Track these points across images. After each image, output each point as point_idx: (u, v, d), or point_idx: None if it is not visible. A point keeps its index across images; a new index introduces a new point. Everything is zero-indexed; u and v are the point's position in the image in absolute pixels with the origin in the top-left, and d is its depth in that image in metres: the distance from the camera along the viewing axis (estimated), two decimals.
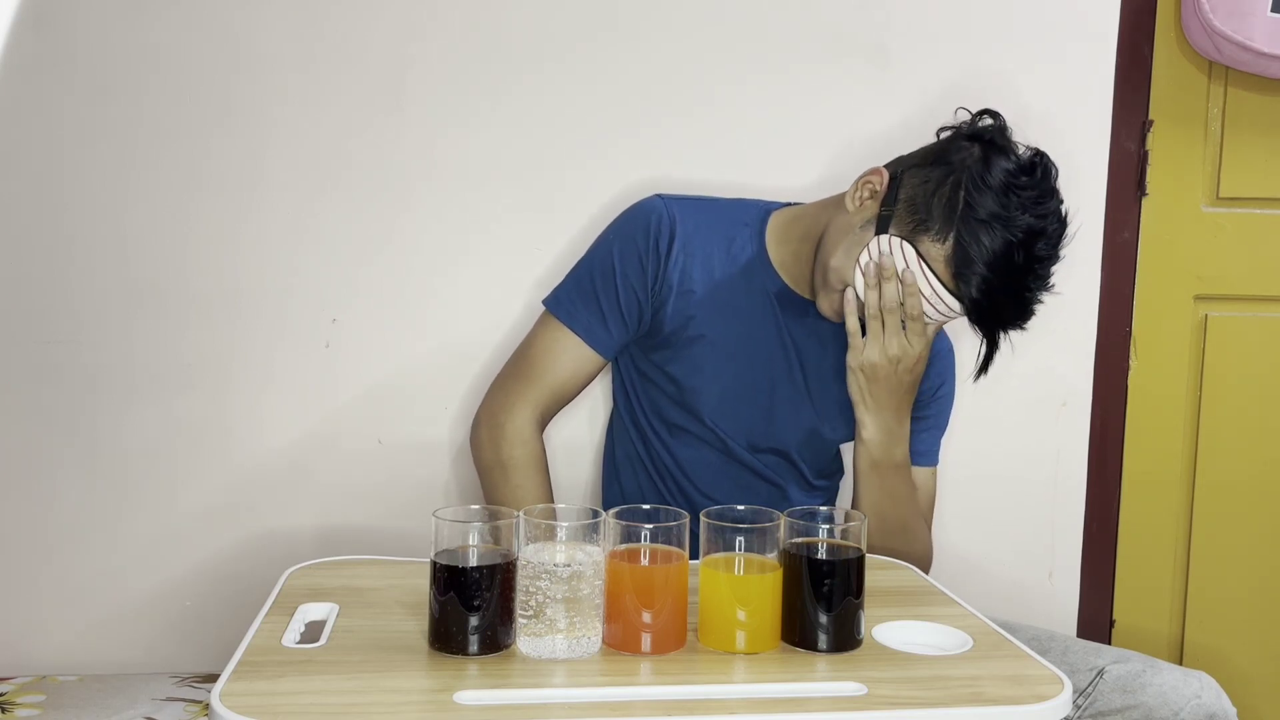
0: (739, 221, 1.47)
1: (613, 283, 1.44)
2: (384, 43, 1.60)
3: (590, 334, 1.45)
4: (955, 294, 1.29)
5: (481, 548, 1.00)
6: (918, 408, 1.51)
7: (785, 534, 1.03)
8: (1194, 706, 1.26)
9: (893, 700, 0.92)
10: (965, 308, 1.29)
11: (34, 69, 1.55)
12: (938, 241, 1.29)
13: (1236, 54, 1.68)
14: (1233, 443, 1.85)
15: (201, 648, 1.63)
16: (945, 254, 1.28)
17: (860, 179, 1.37)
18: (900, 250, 1.30)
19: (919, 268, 1.29)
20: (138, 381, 1.60)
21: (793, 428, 1.47)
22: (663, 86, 1.65)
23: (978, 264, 1.26)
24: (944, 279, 1.29)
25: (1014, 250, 1.26)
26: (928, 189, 1.31)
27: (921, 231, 1.30)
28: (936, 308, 1.31)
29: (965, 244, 1.27)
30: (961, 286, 1.28)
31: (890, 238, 1.31)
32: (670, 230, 1.44)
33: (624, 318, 1.44)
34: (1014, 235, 1.26)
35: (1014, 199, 1.27)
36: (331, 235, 1.61)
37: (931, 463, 1.56)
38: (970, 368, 1.36)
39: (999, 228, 1.26)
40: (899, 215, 1.32)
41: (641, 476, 1.51)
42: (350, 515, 1.65)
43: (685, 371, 1.45)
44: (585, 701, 0.91)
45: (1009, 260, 1.26)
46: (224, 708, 0.86)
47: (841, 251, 1.35)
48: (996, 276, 1.26)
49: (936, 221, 1.29)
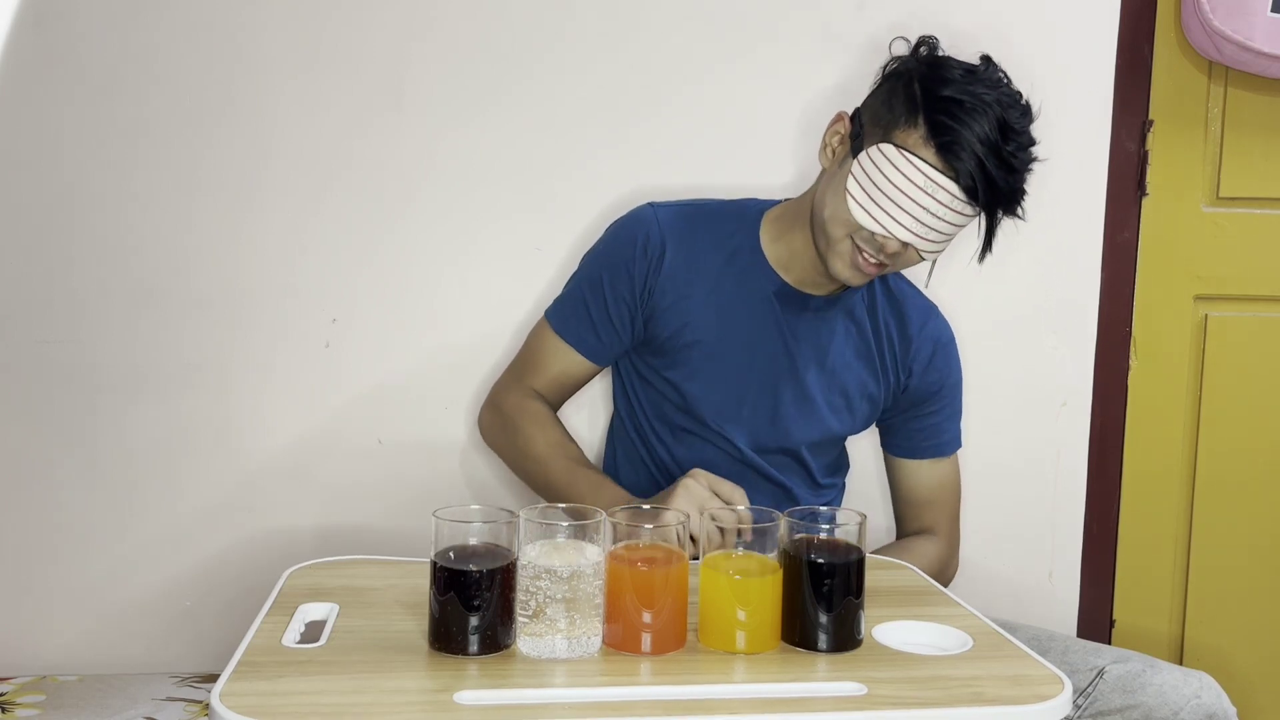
0: (732, 223, 1.47)
1: (601, 293, 1.45)
2: (385, 43, 1.60)
3: (582, 343, 1.47)
4: (947, 172, 1.27)
5: (482, 548, 1.00)
6: (924, 404, 1.52)
7: (785, 534, 1.04)
8: (1194, 706, 1.26)
9: (893, 700, 0.92)
10: (961, 184, 1.27)
11: (35, 69, 1.55)
12: (910, 127, 1.29)
13: (1236, 54, 1.68)
14: (1233, 443, 1.85)
15: (201, 648, 1.63)
16: (922, 134, 1.28)
17: (826, 132, 1.39)
18: (881, 154, 1.29)
19: (906, 160, 1.28)
20: (138, 381, 1.60)
21: (800, 426, 1.48)
22: (665, 86, 1.65)
23: (958, 130, 1.26)
24: (932, 161, 1.27)
25: (986, 111, 1.26)
26: (886, 96, 1.33)
27: (893, 128, 1.30)
28: (936, 197, 1.27)
29: (938, 117, 1.27)
30: (949, 159, 1.27)
31: (866, 151, 1.31)
32: (660, 238, 1.44)
33: (614, 327, 1.45)
34: (982, 103, 1.27)
35: (972, 85, 1.28)
36: (332, 235, 1.62)
37: (954, 449, 1.58)
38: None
39: (966, 98, 1.27)
40: (868, 131, 1.32)
41: (643, 478, 1.51)
42: (350, 515, 1.65)
43: (684, 376, 1.45)
44: (585, 701, 0.91)
45: (985, 120, 1.26)
46: (224, 708, 0.86)
47: (831, 197, 1.35)
48: (979, 140, 1.26)
49: (903, 113, 1.29)
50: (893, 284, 1.52)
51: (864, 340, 1.49)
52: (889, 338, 1.50)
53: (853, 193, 1.31)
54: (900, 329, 1.50)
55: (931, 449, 1.56)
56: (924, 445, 1.56)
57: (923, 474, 1.57)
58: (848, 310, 1.48)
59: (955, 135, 1.26)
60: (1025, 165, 1.30)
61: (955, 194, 1.28)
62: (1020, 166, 1.29)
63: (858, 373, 1.49)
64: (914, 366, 1.51)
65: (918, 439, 1.55)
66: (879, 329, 1.49)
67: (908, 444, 1.56)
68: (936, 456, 1.56)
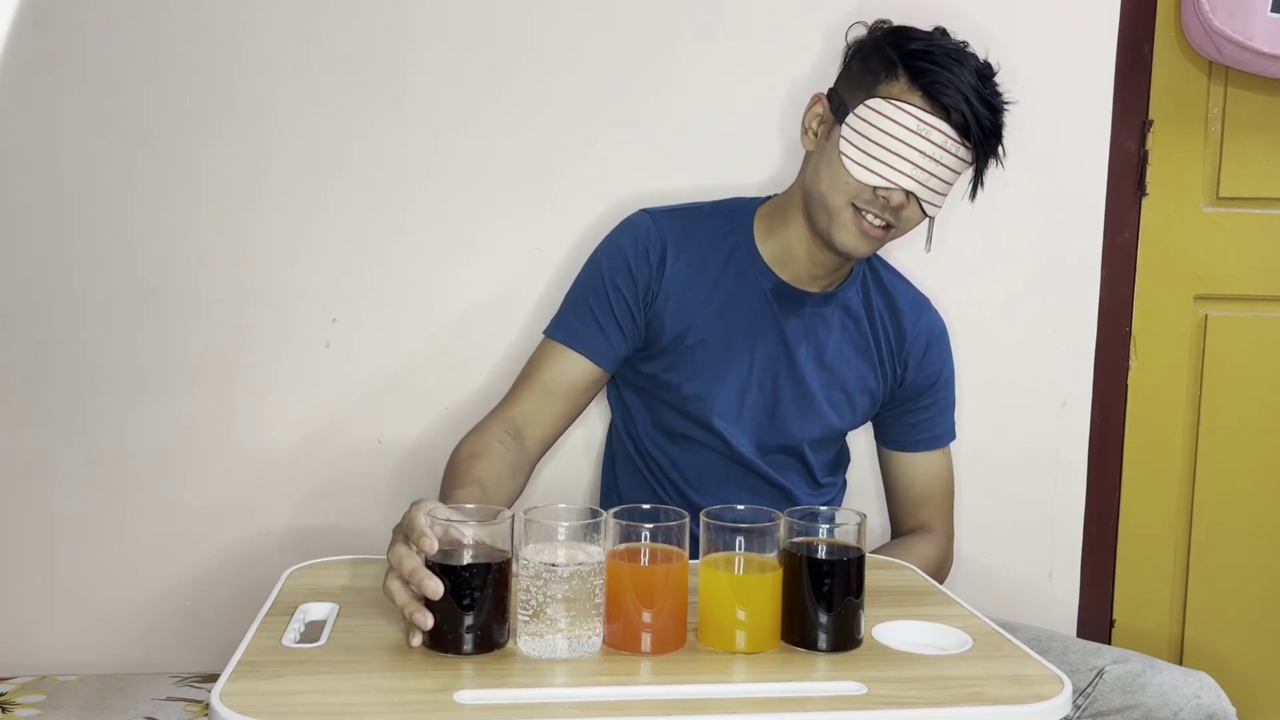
0: (727, 223, 1.48)
1: (605, 297, 1.44)
2: (386, 44, 1.60)
3: (594, 350, 1.44)
4: (937, 113, 1.30)
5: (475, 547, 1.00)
6: (919, 398, 1.52)
7: (785, 534, 1.03)
8: (1194, 706, 1.26)
9: (893, 700, 0.92)
10: (952, 121, 1.30)
11: (35, 69, 1.55)
12: (892, 79, 1.32)
13: (1236, 54, 1.68)
14: (1233, 443, 1.85)
15: (201, 648, 1.63)
16: (905, 83, 1.31)
17: (805, 116, 1.41)
18: (871, 109, 1.32)
19: (895, 108, 1.30)
20: (138, 381, 1.60)
21: (801, 423, 1.48)
22: (666, 86, 1.65)
23: (939, 71, 1.30)
24: (921, 105, 1.30)
25: (960, 58, 1.31)
26: (861, 64, 1.36)
27: (875, 86, 1.33)
28: (930, 139, 1.30)
29: (917, 63, 1.31)
30: (938, 97, 1.30)
31: (854, 112, 1.33)
32: (660, 242, 1.44)
33: (622, 329, 1.44)
34: (953, 52, 1.32)
35: (938, 41, 1.33)
36: (332, 235, 1.62)
37: (948, 441, 1.59)
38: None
39: (936, 49, 1.31)
40: (849, 99, 1.35)
41: (642, 487, 1.51)
42: (350, 515, 1.65)
43: (685, 378, 1.45)
44: (585, 701, 0.91)
45: (961, 65, 1.30)
46: (224, 707, 0.86)
47: (825, 170, 1.36)
48: (957, 77, 1.29)
49: (882, 70, 1.33)
50: (885, 279, 1.53)
51: (861, 335, 1.49)
52: (884, 332, 1.51)
53: (849, 154, 1.32)
54: (895, 323, 1.51)
55: (926, 442, 1.56)
56: (919, 438, 1.56)
57: (917, 467, 1.57)
58: (844, 306, 1.48)
59: (937, 76, 1.30)
60: (1001, 107, 1.35)
61: (948, 133, 1.30)
62: (1000, 106, 1.34)
63: (856, 368, 1.49)
64: (909, 360, 1.51)
65: (912, 432, 1.56)
66: (875, 324, 1.50)
67: (902, 437, 1.57)
68: (931, 449, 1.57)
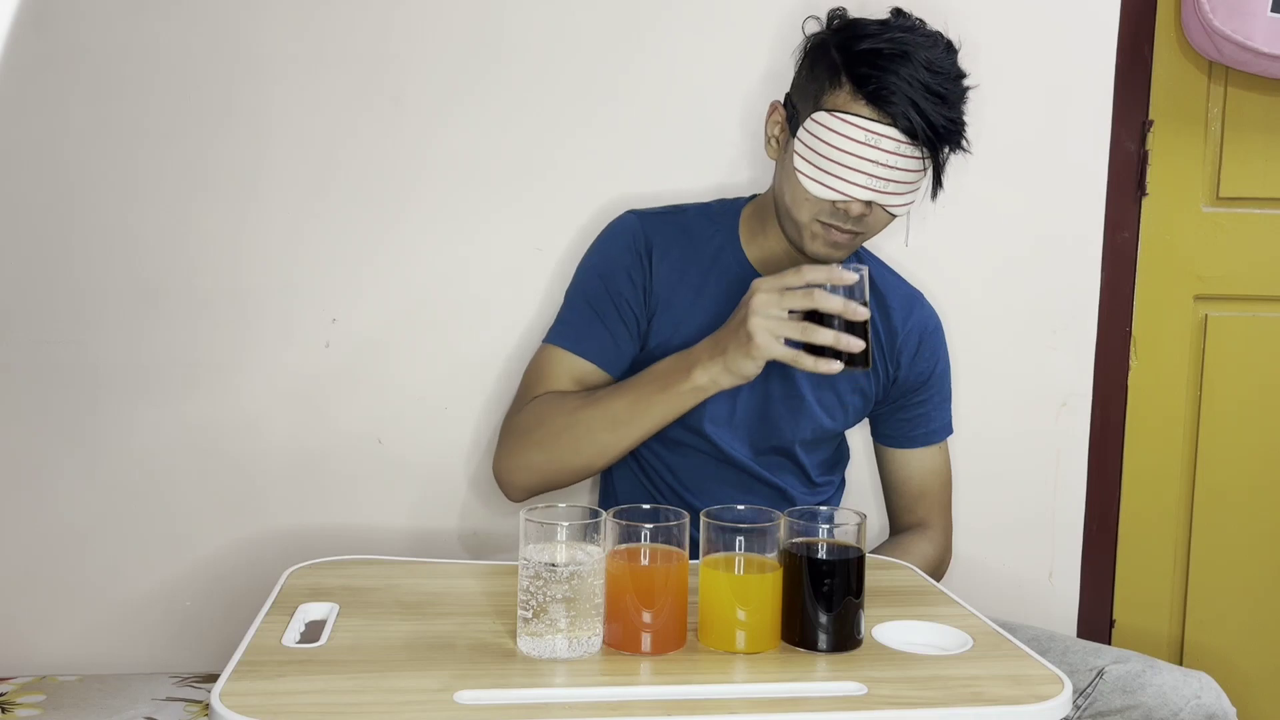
0: (712, 224, 1.48)
1: (608, 300, 1.43)
2: (385, 43, 1.60)
3: (601, 354, 1.43)
4: (883, 120, 1.27)
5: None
6: (914, 394, 1.52)
7: (785, 534, 1.04)
8: (1194, 706, 1.26)
9: (893, 700, 0.92)
10: (899, 127, 1.26)
11: (35, 69, 1.55)
12: (836, 89, 1.29)
13: (1236, 54, 1.68)
14: (1233, 443, 1.85)
15: (201, 648, 1.63)
16: (849, 91, 1.28)
17: (766, 125, 1.41)
18: (816, 124, 1.30)
19: (840, 120, 1.28)
20: (138, 381, 1.60)
21: (791, 424, 1.47)
22: (667, 86, 1.65)
23: (882, 76, 1.26)
24: (866, 114, 1.27)
25: (907, 52, 1.26)
26: (809, 70, 1.34)
27: (821, 96, 1.31)
28: (880, 147, 1.27)
29: (860, 69, 1.27)
30: (882, 105, 1.26)
31: (803, 126, 1.32)
32: (648, 243, 1.45)
33: (629, 331, 1.44)
34: (902, 45, 1.27)
35: (888, 33, 1.29)
36: (332, 235, 1.62)
37: (945, 436, 1.58)
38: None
39: (884, 46, 1.27)
40: (800, 109, 1.34)
41: (639, 491, 1.50)
42: (350, 515, 1.65)
43: None
44: (585, 701, 0.91)
45: (908, 61, 1.26)
46: (224, 707, 0.86)
47: (786, 184, 1.35)
48: (906, 81, 1.25)
49: (826, 78, 1.31)
50: (875, 276, 1.52)
51: None
52: (875, 331, 1.49)
53: (802, 170, 1.32)
54: (885, 321, 1.50)
55: (922, 438, 1.56)
56: (915, 434, 1.56)
57: (914, 463, 1.57)
58: None
59: (881, 81, 1.26)
60: (959, 96, 1.31)
61: (898, 139, 1.28)
62: (954, 99, 1.30)
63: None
64: (901, 358, 1.51)
65: (908, 428, 1.55)
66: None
67: (898, 433, 1.56)
68: (927, 445, 1.56)
